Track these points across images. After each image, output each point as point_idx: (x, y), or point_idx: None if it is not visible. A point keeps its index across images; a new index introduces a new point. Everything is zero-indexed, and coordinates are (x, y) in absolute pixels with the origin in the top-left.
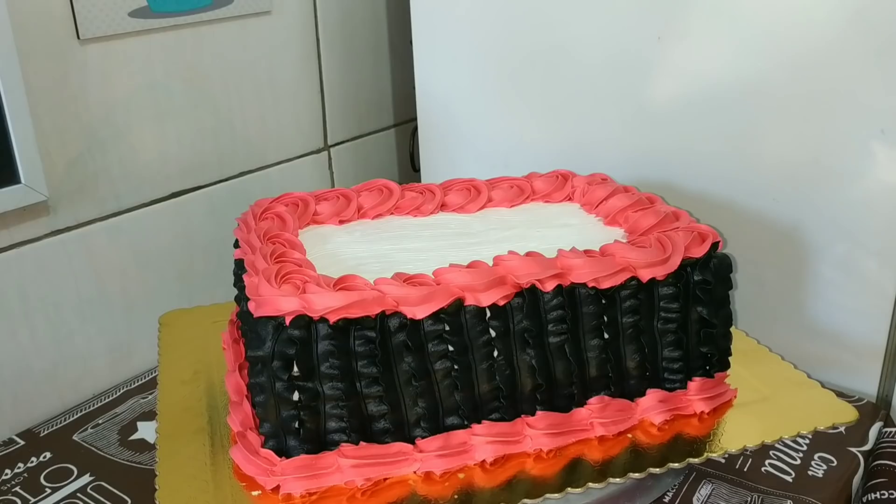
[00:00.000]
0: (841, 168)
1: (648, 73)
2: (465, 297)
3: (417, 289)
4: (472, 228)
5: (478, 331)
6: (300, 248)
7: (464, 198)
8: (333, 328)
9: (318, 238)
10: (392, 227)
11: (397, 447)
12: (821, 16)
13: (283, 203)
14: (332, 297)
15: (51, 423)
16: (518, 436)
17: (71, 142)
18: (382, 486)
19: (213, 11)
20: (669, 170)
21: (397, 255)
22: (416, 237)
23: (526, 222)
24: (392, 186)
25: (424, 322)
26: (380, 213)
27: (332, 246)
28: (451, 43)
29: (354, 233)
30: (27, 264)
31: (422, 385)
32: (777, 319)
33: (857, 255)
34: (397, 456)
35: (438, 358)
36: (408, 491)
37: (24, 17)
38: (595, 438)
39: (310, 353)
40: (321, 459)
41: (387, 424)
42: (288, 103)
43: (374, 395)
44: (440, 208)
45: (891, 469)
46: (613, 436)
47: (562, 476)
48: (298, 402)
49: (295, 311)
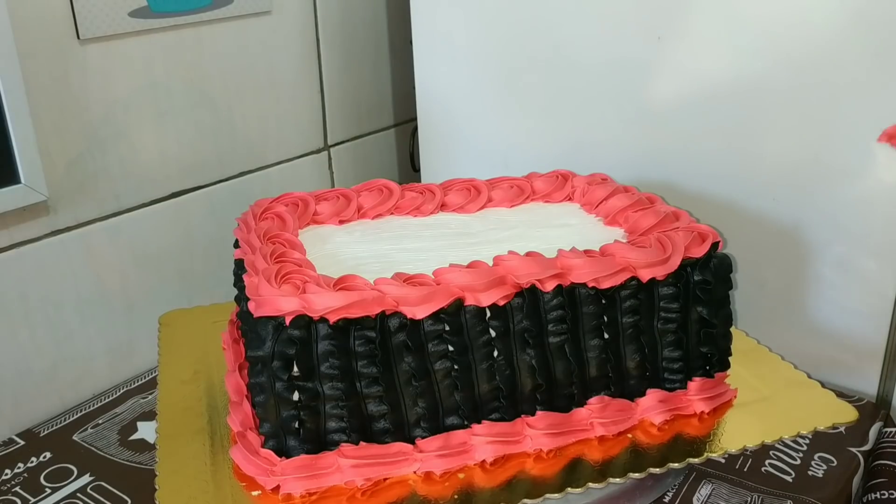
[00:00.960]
0: (841, 168)
1: (648, 73)
2: (465, 297)
3: (417, 289)
4: (471, 228)
5: (478, 331)
6: (300, 248)
7: (464, 198)
8: (333, 328)
9: (317, 238)
10: (392, 227)
11: (397, 447)
12: (821, 16)
13: (283, 203)
14: (331, 297)
15: (51, 423)
16: (518, 436)
17: (71, 142)
18: (382, 487)
19: (213, 11)
20: (669, 170)
21: (397, 255)
22: (415, 237)
23: (526, 222)
24: (392, 186)
25: (424, 322)
26: (380, 213)
27: (332, 246)
28: (451, 43)
29: (354, 233)
30: (27, 264)
31: (422, 385)
32: (777, 319)
33: (857, 255)
34: (397, 456)
35: (438, 358)
36: (408, 491)
37: (24, 17)
38: (595, 438)
39: (310, 353)
40: (321, 459)
41: (387, 424)
42: (288, 103)
43: (374, 395)
44: (440, 208)
45: (891, 469)
46: (613, 436)
47: (562, 476)
48: (298, 402)
49: (295, 311)
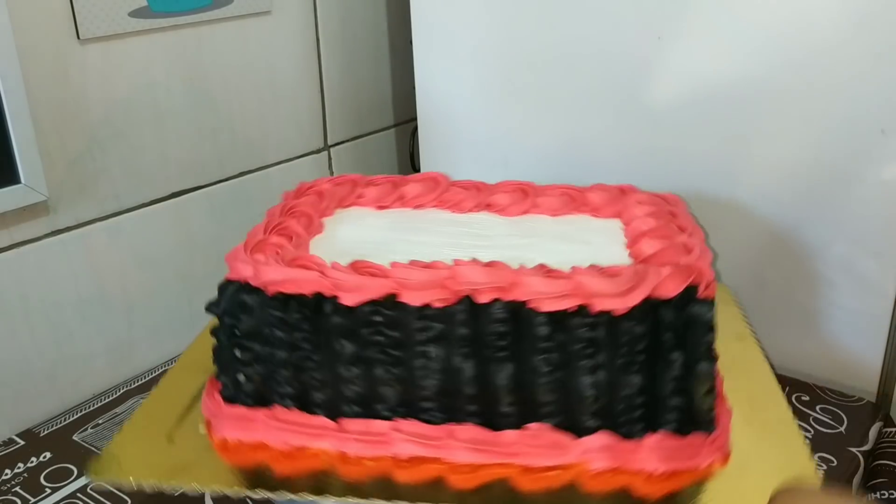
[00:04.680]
0: (841, 168)
1: (649, 73)
2: (400, 293)
3: (354, 277)
4: (493, 231)
5: (413, 329)
6: (315, 225)
7: (509, 199)
8: (273, 299)
9: (347, 219)
10: (420, 219)
11: (320, 421)
12: (821, 16)
13: (334, 182)
14: (277, 271)
15: (51, 423)
16: (438, 441)
17: (71, 142)
18: (303, 455)
19: (213, 11)
20: (670, 169)
21: (395, 246)
22: (433, 231)
23: (552, 233)
24: (440, 179)
25: (359, 310)
26: (421, 203)
27: (348, 228)
28: (451, 43)
29: (382, 219)
30: (27, 264)
31: (351, 370)
32: (777, 319)
33: (857, 255)
34: (317, 429)
35: (367, 346)
36: (322, 464)
37: (24, 17)
38: (519, 466)
39: (254, 317)
40: (253, 413)
41: (322, 397)
42: (288, 103)
43: (307, 367)
44: (485, 207)
45: (891, 469)
46: (541, 468)
47: (479, 494)
48: (241, 360)
49: (247, 277)
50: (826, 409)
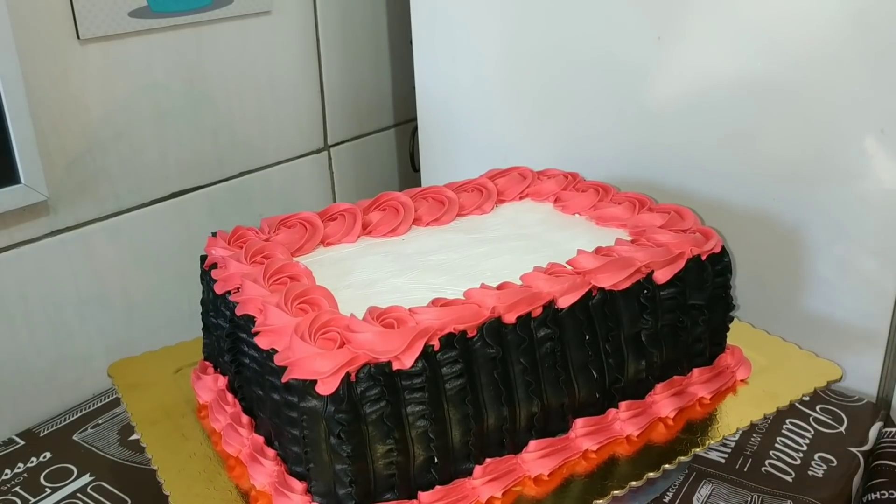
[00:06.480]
0: (841, 168)
1: (648, 73)
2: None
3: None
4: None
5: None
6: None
7: (476, 200)
8: None
9: (329, 262)
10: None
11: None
12: (821, 16)
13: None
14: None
15: (51, 423)
16: (514, 464)
17: (71, 142)
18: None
19: (213, 11)
20: (670, 169)
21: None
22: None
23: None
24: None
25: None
26: (393, 228)
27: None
28: (451, 43)
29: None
30: (27, 264)
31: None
32: (777, 319)
33: (857, 255)
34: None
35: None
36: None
37: (24, 17)
38: (624, 438)
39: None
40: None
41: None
42: (288, 103)
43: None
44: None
45: (891, 469)
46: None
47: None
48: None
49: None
50: (826, 408)
